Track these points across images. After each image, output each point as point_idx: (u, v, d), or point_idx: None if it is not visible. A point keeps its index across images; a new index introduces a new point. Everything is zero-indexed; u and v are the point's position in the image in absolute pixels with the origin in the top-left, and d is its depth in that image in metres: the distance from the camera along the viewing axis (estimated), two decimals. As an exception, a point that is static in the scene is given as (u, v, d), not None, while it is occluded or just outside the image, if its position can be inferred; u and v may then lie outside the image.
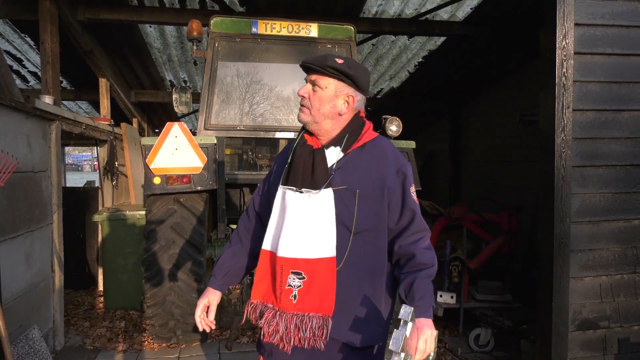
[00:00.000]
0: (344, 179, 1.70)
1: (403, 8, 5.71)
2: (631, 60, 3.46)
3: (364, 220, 1.68)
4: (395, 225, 1.73)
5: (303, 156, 1.72)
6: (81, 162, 38.90)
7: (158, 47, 6.89)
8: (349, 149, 1.74)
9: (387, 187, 1.70)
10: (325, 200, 1.66)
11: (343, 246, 1.67)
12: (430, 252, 1.70)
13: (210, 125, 4.42)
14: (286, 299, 1.66)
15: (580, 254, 3.43)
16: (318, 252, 1.65)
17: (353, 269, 1.68)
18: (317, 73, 1.71)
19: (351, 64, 1.71)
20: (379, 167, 1.73)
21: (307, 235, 1.66)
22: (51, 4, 4.88)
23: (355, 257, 1.68)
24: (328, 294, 1.64)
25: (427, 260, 1.68)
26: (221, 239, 4.51)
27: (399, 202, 1.73)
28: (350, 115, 1.77)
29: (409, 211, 1.73)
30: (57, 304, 4.13)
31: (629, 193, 3.49)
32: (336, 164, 1.71)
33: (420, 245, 1.70)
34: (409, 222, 1.73)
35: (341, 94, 1.72)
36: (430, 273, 1.67)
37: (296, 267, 1.65)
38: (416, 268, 1.67)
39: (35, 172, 3.72)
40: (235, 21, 4.56)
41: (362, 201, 1.68)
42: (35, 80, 8.19)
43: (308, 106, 1.73)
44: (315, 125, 1.74)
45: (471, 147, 8.34)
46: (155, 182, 3.88)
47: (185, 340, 4.18)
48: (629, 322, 3.52)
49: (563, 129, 3.33)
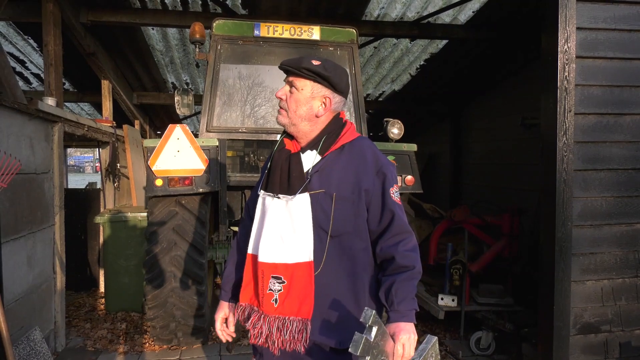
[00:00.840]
0: (321, 182, 1.69)
1: (405, 11, 5.72)
2: (633, 64, 3.46)
3: (342, 223, 1.67)
4: (376, 227, 1.71)
5: (280, 161, 1.73)
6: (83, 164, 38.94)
7: (160, 49, 6.90)
8: (327, 151, 1.72)
9: (364, 189, 1.68)
10: (301, 205, 1.66)
11: (321, 250, 1.67)
12: (412, 254, 1.66)
13: (212, 128, 4.43)
14: (268, 302, 1.67)
15: (582, 257, 3.42)
16: (296, 257, 1.65)
17: (332, 272, 1.68)
18: (293, 75, 1.70)
19: (328, 66, 1.70)
20: (356, 169, 1.70)
21: (284, 241, 1.66)
22: (54, 7, 4.90)
23: (334, 261, 1.68)
24: (306, 298, 1.65)
25: (408, 263, 1.64)
26: (222, 241, 4.51)
27: (379, 203, 1.70)
28: (329, 117, 1.76)
29: (389, 212, 1.69)
30: (59, 306, 4.13)
31: (631, 197, 3.49)
32: (313, 167, 1.71)
33: (400, 247, 1.66)
34: (388, 224, 1.70)
35: (317, 95, 1.71)
36: (411, 276, 1.63)
37: (276, 271, 1.66)
38: (396, 271, 1.64)
39: (38, 174, 3.73)
40: (238, 24, 4.57)
41: (339, 204, 1.67)
42: (38, 82, 8.21)
43: (285, 108, 1.73)
44: (293, 128, 1.74)
45: (472, 150, 8.33)
46: (157, 184, 3.89)
47: (186, 342, 4.19)
48: (630, 326, 3.52)
49: (565, 132, 3.33)
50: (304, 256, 1.65)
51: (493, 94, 7.57)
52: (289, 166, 1.71)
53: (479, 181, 8.03)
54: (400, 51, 6.93)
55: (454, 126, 8.84)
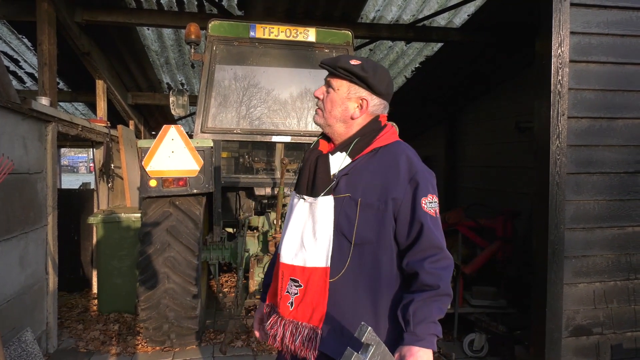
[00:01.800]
0: (348, 186, 1.61)
1: (401, 14, 5.74)
2: (625, 68, 3.49)
3: (365, 231, 1.57)
4: (404, 240, 1.58)
5: (309, 162, 1.68)
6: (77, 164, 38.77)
7: (156, 49, 6.89)
8: (358, 154, 1.64)
9: (392, 197, 1.56)
10: (324, 208, 1.60)
11: (342, 258, 1.58)
12: (440, 272, 1.51)
13: (207, 129, 4.43)
14: (284, 305, 1.64)
15: (575, 260, 3.45)
16: (313, 261, 1.59)
17: (350, 283, 1.59)
18: (331, 74, 1.65)
19: (366, 66, 1.62)
20: (386, 175, 1.59)
21: (304, 243, 1.62)
22: (49, 6, 4.88)
23: (353, 271, 1.59)
24: (319, 306, 1.58)
25: (432, 281, 1.49)
26: (217, 242, 4.50)
27: (408, 213, 1.57)
28: (366, 119, 1.67)
29: (417, 223, 1.55)
30: (51, 307, 4.11)
31: (623, 200, 3.51)
32: (343, 169, 1.63)
33: (427, 264, 1.52)
34: (416, 236, 1.56)
35: (353, 96, 1.64)
36: (435, 297, 1.49)
37: (294, 274, 1.62)
38: (419, 289, 1.51)
39: (31, 174, 3.71)
40: (234, 25, 4.57)
41: (364, 211, 1.57)
42: (32, 81, 8.17)
43: (322, 108, 1.68)
44: (328, 128, 1.69)
45: (467, 153, 8.36)
46: (151, 184, 3.88)
47: (179, 344, 4.17)
48: (622, 329, 3.54)
49: (558, 136, 3.36)
50: (320, 261, 1.58)
51: (488, 98, 7.61)
52: (315, 167, 1.65)
53: (473, 184, 8.06)
54: (395, 54, 6.95)
55: (449, 129, 8.88)
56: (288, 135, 4.61)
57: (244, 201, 4.91)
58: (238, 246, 4.52)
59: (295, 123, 4.75)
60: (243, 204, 4.90)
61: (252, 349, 4.21)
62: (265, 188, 4.62)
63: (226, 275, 6.73)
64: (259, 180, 4.63)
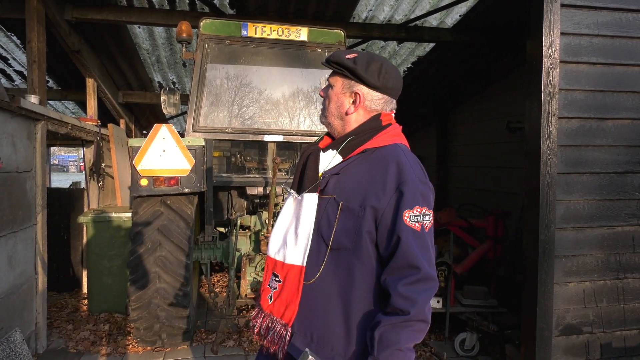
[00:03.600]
0: (335, 187, 1.54)
1: (393, 14, 5.75)
2: (615, 69, 3.52)
3: (342, 236, 1.48)
4: (384, 252, 1.46)
5: (303, 157, 1.63)
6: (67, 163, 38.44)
7: (147, 48, 6.84)
8: (350, 153, 1.56)
9: (372, 205, 1.44)
10: (307, 206, 1.54)
11: (318, 261, 1.52)
12: (413, 297, 1.35)
13: (199, 128, 4.41)
14: (265, 297, 1.62)
15: (565, 259, 3.47)
16: (290, 259, 1.56)
17: (325, 289, 1.52)
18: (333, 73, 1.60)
19: (360, 58, 1.53)
20: (371, 180, 1.48)
21: (286, 239, 1.59)
22: (38, 3, 4.83)
23: (328, 276, 1.52)
24: (291, 304, 1.54)
25: (402, 306, 1.35)
26: (208, 241, 4.48)
27: (387, 225, 1.44)
28: (364, 116, 1.58)
29: (395, 237, 1.42)
30: (40, 307, 4.07)
31: (612, 200, 3.55)
32: (333, 169, 1.57)
33: (400, 285, 1.37)
34: (392, 252, 1.43)
35: (347, 91, 1.57)
36: (404, 322, 1.35)
37: (275, 268, 1.61)
38: (389, 311, 1.38)
39: (20, 173, 3.67)
40: (225, 23, 4.55)
41: (343, 215, 1.49)
42: (21, 79, 8.08)
43: (324, 106, 1.64)
44: (329, 127, 1.64)
45: (458, 153, 8.40)
46: (142, 183, 3.86)
47: (170, 344, 4.15)
48: (611, 328, 3.57)
49: (549, 136, 3.38)
50: (297, 259, 1.54)
51: (479, 98, 7.65)
52: (305, 163, 1.60)
53: (464, 184, 8.10)
54: (387, 53, 6.96)
55: (441, 129, 8.91)
56: (280, 135, 4.60)
57: (236, 200, 4.89)
58: (230, 246, 4.51)
59: (287, 122, 4.74)
60: (235, 204, 4.89)
61: (243, 349, 4.20)
62: (257, 187, 4.61)
63: (218, 274, 6.71)
64: (251, 180, 4.62)
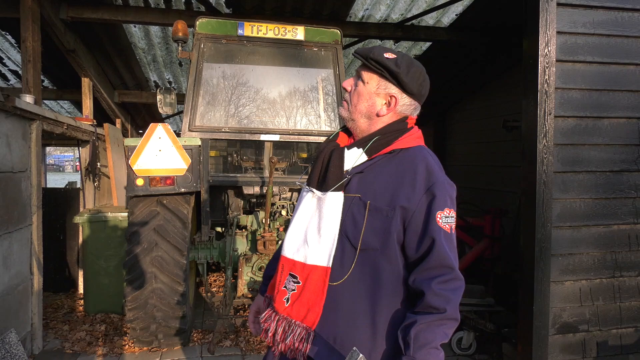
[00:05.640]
0: (360, 186, 1.52)
1: (389, 13, 5.75)
2: (611, 68, 3.53)
3: (371, 237, 1.47)
4: (413, 254, 1.47)
5: (324, 154, 1.58)
6: (63, 163, 38.31)
7: (143, 47, 6.82)
8: (376, 153, 1.53)
9: (402, 205, 1.44)
10: (332, 204, 1.50)
11: (343, 263, 1.50)
12: (447, 295, 1.39)
13: (195, 127, 4.39)
14: (280, 300, 1.56)
15: (561, 258, 3.48)
16: (314, 259, 1.51)
17: (351, 291, 1.50)
18: (362, 65, 1.55)
19: (401, 61, 1.51)
20: (400, 181, 1.48)
21: (307, 239, 1.54)
22: (33, 2, 4.80)
23: (355, 277, 1.49)
24: (314, 307, 1.50)
25: (438, 304, 1.38)
26: (205, 241, 4.47)
27: (419, 226, 1.45)
28: (392, 118, 1.57)
29: (429, 238, 1.43)
30: (36, 307, 4.05)
31: (608, 199, 3.55)
32: (357, 167, 1.54)
33: (434, 284, 1.40)
34: (425, 253, 1.44)
35: (382, 92, 1.54)
36: (439, 321, 1.38)
37: (294, 269, 1.55)
38: (423, 310, 1.40)
39: (15, 173, 3.65)
40: (221, 22, 4.54)
41: (371, 215, 1.47)
42: (16, 79, 8.05)
43: (348, 100, 1.59)
44: (352, 123, 1.60)
45: (455, 152, 8.41)
46: (138, 183, 3.84)
47: (166, 344, 4.13)
48: (607, 326, 3.58)
49: (545, 135, 3.38)
50: (322, 260, 1.49)
51: (476, 97, 7.66)
52: (329, 160, 1.55)
53: (461, 183, 8.10)
54: (384, 53, 6.96)
55: (438, 128, 8.92)
56: (277, 134, 4.59)
57: (233, 200, 4.88)
58: (226, 245, 4.50)
59: (284, 122, 4.73)
60: (231, 203, 4.88)
61: (240, 349, 4.19)
62: (254, 187, 4.60)
63: (214, 274, 6.69)
64: (248, 179, 4.61)
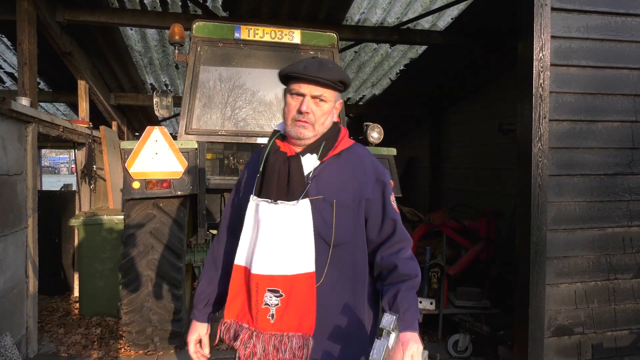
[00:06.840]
0: (319, 188, 1.60)
1: (385, 17, 5.77)
2: (605, 72, 3.56)
3: (343, 232, 1.59)
4: (376, 237, 1.65)
5: (277, 164, 1.59)
6: (58, 165, 38.12)
7: (139, 50, 6.82)
8: (325, 156, 1.63)
9: (365, 197, 1.62)
10: (302, 211, 1.55)
11: (322, 261, 1.57)
12: (413, 263, 1.62)
13: (191, 130, 4.39)
14: (263, 318, 1.55)
15: (556, 261, 3.50)
16: (296, 268, 1.54)
17: (333, 284, 1.59)
18: (323, 85, 1.58)
19: (342, 70, 1.66)
20: (357, 177, 1.64)
21: (284, 250, 1.55)
22: (29, 5, 4.79)
23: (334, 272, 1.59)
24: (308, 312, 1.54)
25: (410, 271, 1.59)
26: (201, 244, 4.47)
27: (380, 212, 1.64)
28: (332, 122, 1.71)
29: (390, 221, 1.64)
30: (31, 310, 4.03)
31: (603, 202, 3.58)
32: (312, 172, 1.61)
33: (402, 256, 1.61)
34: (390, 233, 1.64)
35: (337, 103, 1.67)
36: (413, 284, 1.59)
37: (273, 284, 1.54)
38: (399, 279, 1.58)
39: (10, 175, 3.64)
40: (218, 26, 4.54)
41: (339, 212, 1.59)
42: (12, 81, 8.02)
43: (312, 122, 1.59)
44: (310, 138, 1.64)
45: (451, 154, 8.44)
46: (135, 186, 3.83)
47: (162, 347, 4.12)
48: (602, 328, 3.60)
49: (540, 138, 3.40)
50: (305, 267, 1.54)
51: (471, 100, 7.69)
52: (288, 170, 1.58)
53: (457, 185, 8.13)
54: (380, 56, 6.98)
55: (433, 130, 8.95)
56: (273, 137, 4.58)
57: (229, 203, 4.87)
58: (223, 248, 4.49)
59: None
60: (228, 206, 4.87)
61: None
62: None
63: (211, 277, 6.67)
64: (244, 182, 4.60)
